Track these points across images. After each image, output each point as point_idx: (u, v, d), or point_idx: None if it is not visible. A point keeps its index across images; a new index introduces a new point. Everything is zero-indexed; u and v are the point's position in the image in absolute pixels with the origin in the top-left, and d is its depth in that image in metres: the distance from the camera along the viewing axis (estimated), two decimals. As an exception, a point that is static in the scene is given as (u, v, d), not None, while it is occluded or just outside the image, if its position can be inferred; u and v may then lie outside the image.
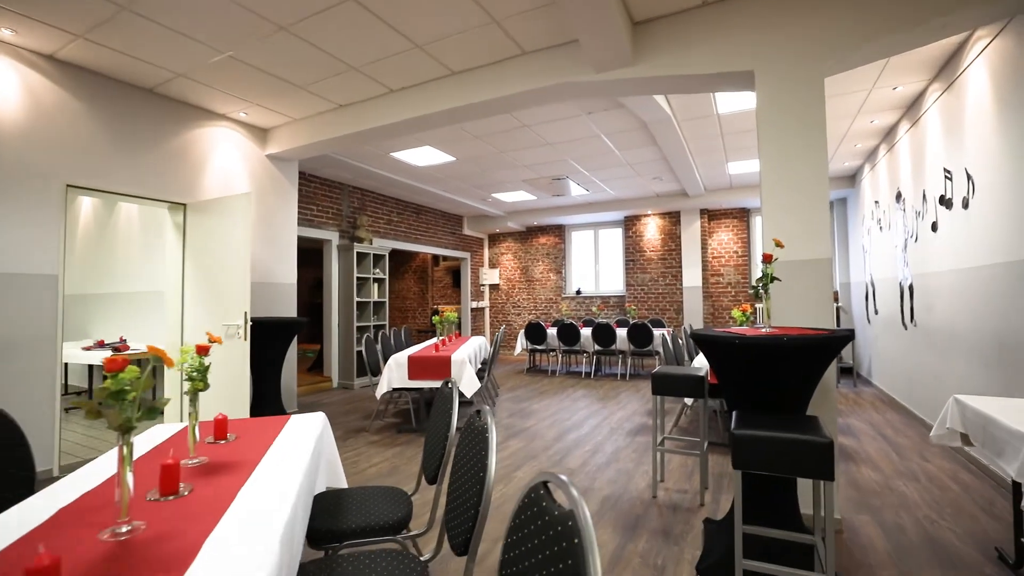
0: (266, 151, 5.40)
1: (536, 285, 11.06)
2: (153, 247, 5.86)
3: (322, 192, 7.40)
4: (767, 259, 2.47)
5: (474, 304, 11.05)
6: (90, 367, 6.51)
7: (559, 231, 10.90)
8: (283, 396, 5.47)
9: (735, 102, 4.76)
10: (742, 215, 9.22)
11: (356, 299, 7.50)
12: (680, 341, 5.81)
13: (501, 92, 3.84)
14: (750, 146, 6.12)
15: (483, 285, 11.45)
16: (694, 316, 9.20)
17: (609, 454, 4.10)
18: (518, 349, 8.69)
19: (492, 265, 11.62)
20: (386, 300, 8.10)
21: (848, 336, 2.14)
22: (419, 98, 4.30)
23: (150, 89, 4.32)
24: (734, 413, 2.13)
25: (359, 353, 7.47)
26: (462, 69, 4.04)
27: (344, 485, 2.45)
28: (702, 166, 7.04)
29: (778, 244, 2.55)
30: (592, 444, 4.40)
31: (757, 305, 8.55)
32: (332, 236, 7.52)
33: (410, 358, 4.81)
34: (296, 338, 5.77)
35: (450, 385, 2.24)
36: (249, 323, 4.14)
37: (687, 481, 3.46)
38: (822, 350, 2.09)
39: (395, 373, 4.80)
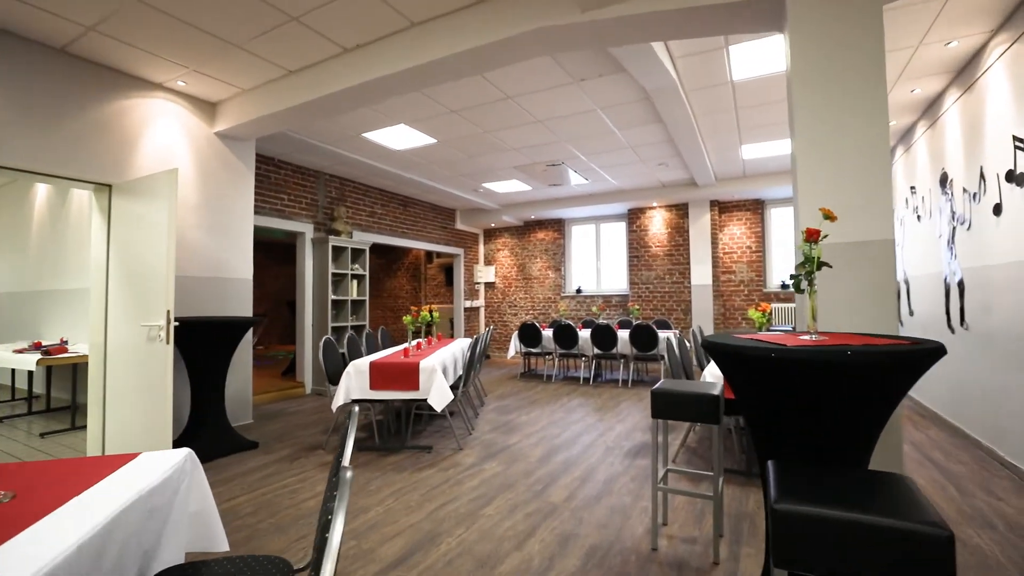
0: (215, 128, 4.75)
1: (534, 283, 10.37)
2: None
3: (294, 180, 6.75)
4: (812, 236, 1.76)
5: (468, 303, 10.38)
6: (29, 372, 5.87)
7: (558, 226, 10.20)
8: (233, 407, 4.82)
9: (752, 65, 4.04)
10: (756, 207, 8.47)
11: (332, 297, 6.85)
12: (688, 345, 5.11)
13: (468, 43, 3.16)
14: (768, 124, 5.39)
15: (478, 283, 10.78)
16: (703, 317, 8.47)
17: (602, 483, 3.41)
18: (511, 352, 8.00)
19: (487, 262, 10.94)
20: (366, 299, 7.44)
21: (939, 350, 1.43)
22: (377, 58, 3.63)
23: (60, 48, 3.67)
24: (770, 467, 1.42)
25: (341, 354, 6.80)
26: (424, 19, 3.36)
27: (223, 547, 1.78)
28: (713, 150, 6.31)
29: (828, 216, 1.83)
30: (583, 468, 3.70)
31: (774, 305, 7.81)
32: (306, 228, 6.87)
33: (372, 365, 4.14)
34: (252, 340, 5.11)
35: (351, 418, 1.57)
36: (173, 323, 3.48)
37: (696, 525, 2.76)
38: (904, 369, 1.39)
39: (354, 382, 4.12)
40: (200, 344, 4.05)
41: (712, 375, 3.64)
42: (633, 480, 3.44)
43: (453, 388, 4.55)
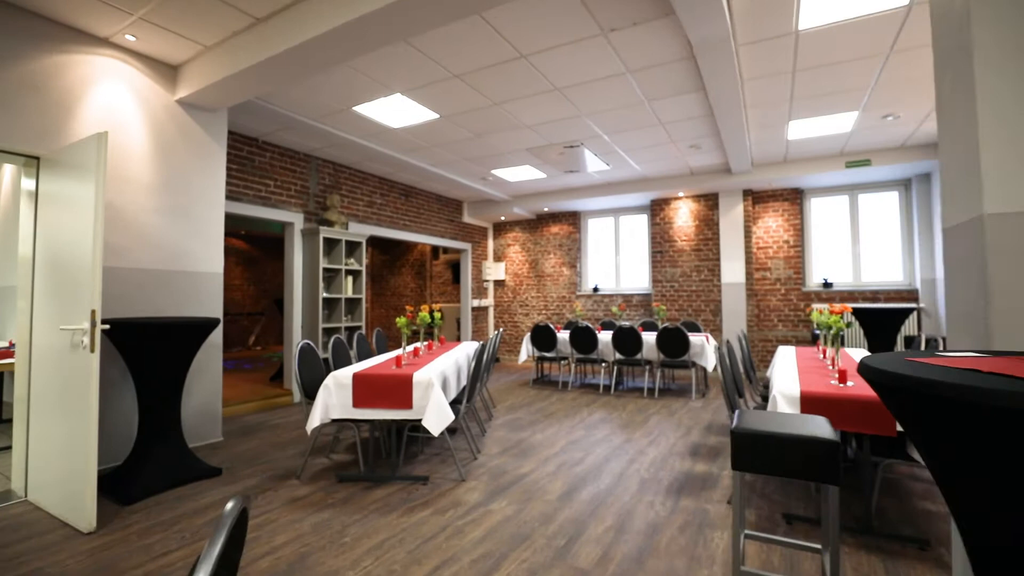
0: (176, 95, 4.04)
1: (547, 281, 9.60)
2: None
3: (282, 164, 6.04)
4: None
5: (476, 303, 9.63)
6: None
7: (573, 219, 9.42)
8: (197, 424, 4.12)
9: (828, 7, 3.25)
10: (794, 197, 7.63)
11: (323, 295, 6.13)
12: (740, 350, 4.34)
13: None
14: (826, 93, 4.58)
15: (486, 281, 10.03)
16: (735, 319, 7.65)
17: (643, 534, 2.64)
18: (523, 356, 7.24)
19: (497, 258, 10.19)
20: (362, 297, 6.72)
21: None
22: (359, -7, 2.89)
23: (-32, -16, 2.98)
24: None
25: (324, 361, 6.09)
26: (416, -66, 2.61)
27: None
28: (756, 126, 5.50)
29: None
30: (616, 512, 2.93)
31: (815, 307, 6.97)
32: (295, 218, 6.16)
33: (356, 377, 3.40)
34: (220, 344, 4.41)
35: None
36: (100, 327, 2.76)
37: (786, 612, 1.98)
38: None
39: (335, 398, 3.39)
40: (148, 350, 3.34)
41: (784, 395, 2.84)
42: (683, 532, 2.67)
43: (455, 404, 3.80)
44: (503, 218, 9.77)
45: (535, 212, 9.55)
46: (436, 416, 3.28)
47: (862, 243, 7.33)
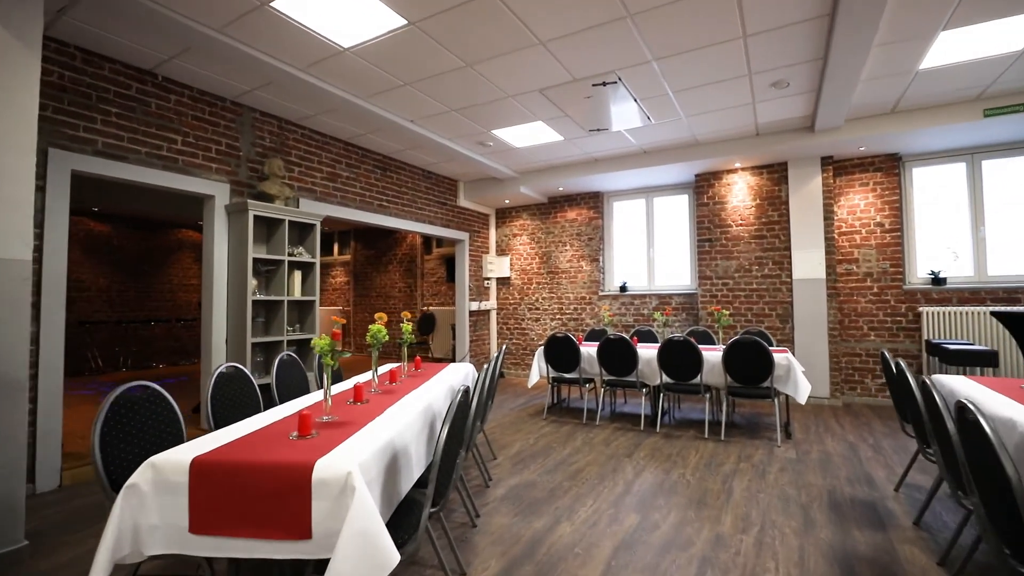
0: (-77, -59, 2.29)
1: (562, 279, 7.80)
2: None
3: (196, 113, 4.30)
4: None
5: (475, 305, 7.85)
6: None
7: (595, 201, 7.61)
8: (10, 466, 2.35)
9: None
10: (890, 165, 5.79)
11: (252, 296, 4.37)
12: (917, 377, 2.57)
13: None
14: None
15: (487, 279, 8.24)
16: (811, 326, 5.82)
17: None
18: (534, 378, 5.45)
19: (500, 251, 8.40)
20: (315, 299, 4.95)
21: None
22: None
23: None
24: None
25: (265, 389, 4.32)
26: None
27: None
28: (883, 47, 3.68)
29: None
30: None
31: (925, 309, 5.14)
32: (217, 189, 4.41)
33: (198, 467, 1.63)
34: (59, 369, 2.64)
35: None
36: None
37: None
38: None
39: (154, 511, 1.62)
40: None
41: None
42: None
43: (416, 492, 2.02)
44: (507, 202, 7.98)
45: (547, 194, 7.76)
46: (357, 560, 1.49)
47: (988, 224, 5.48)
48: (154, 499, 1.61)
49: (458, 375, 3.65)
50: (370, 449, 1.78)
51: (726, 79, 4.23)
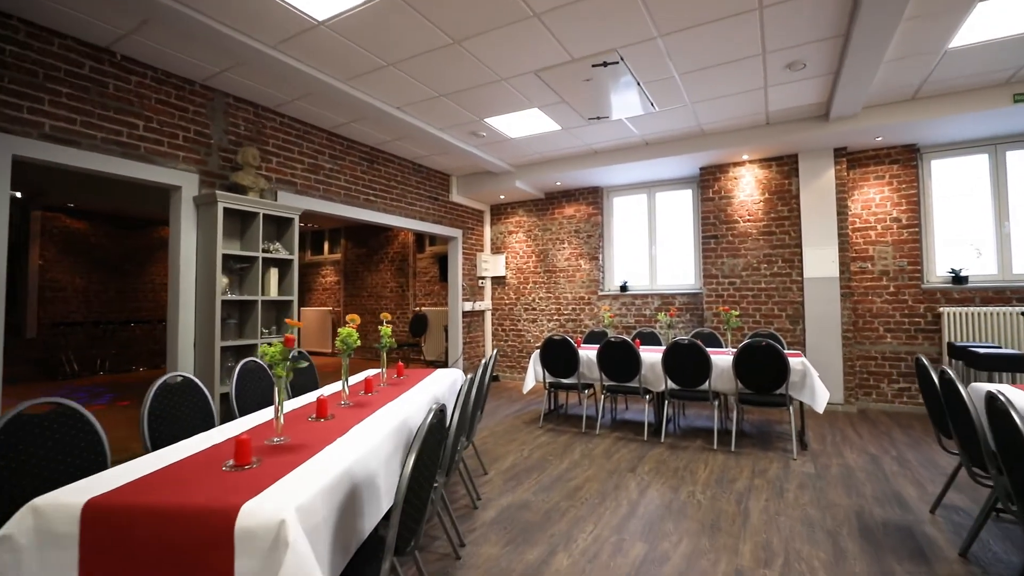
0: None
1: (560, 278, 7.46)
2: None
3: (161, 96, 3.94)
4: None
5: (469, 306, 7.50)
6: None
7: (594, 196, 7.27)
8: None
9: None
10: (907, 157, 5.45)
11: (221, 296, 4.02)
12: (947, 376, 2.21)
13: None
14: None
15: (482, 278, 7.90)
16: (824, 327, 5.48)
17: None
18: (529, 383, 5.11)
19: (496, 249, 8.05)
20: (293, 299, 4.60)
21: None
22: None
23: None
24: None
25: (223, 396, 3.97)
26: None
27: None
28: (912, 23, 3.34)
29: None
30: None
31: (945, 309, 4.80)
32: (184, 180, 4.06)
33: (90, 511, 1.27)
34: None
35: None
36: None
37: None
38: None
39: (34, 569, 1.26)
40: None
41: None
42: None
43: (369, 552, 1.67)
44: (503, 197, 7.63)
45: (544, 189, 7.42)
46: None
47: (1013, 219, 5.14)
48: (35, 555, 1.27)
49: (444, 383, 3.30)
50: (319, 484, 1.43)
51: (737, 59, 3.88)
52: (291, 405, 2.50)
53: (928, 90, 4.51)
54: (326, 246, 10.70)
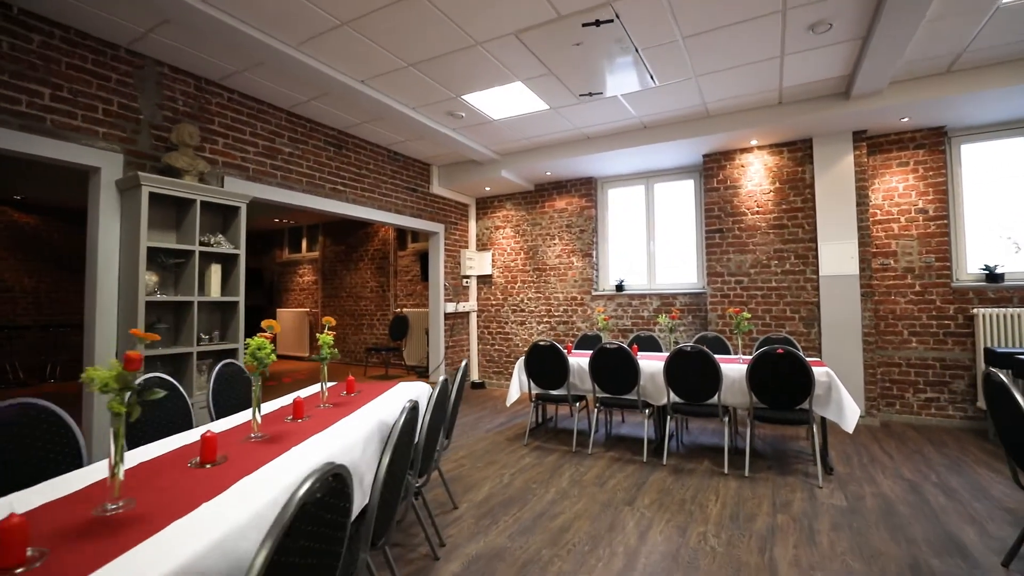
0: None
1: (551, 276, 6.87)
2: None
3: (73, 60, 3.34)
4: None
5: (451, 307, 6.91)
6: None
7: (587, 188, 6.69)
8: None
9: None
10: (935, 141, 4.90)
11: (146, 296, 3.41)
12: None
13: None
14: None
15: (466, 277, 7.31)
16: (842, 330, 4.92)
17: None
18: (513, 395, 4.52)
19: (481, 245, 7.46)
20: (239, 300, 3.99)
21: None
22: None
23: None
24: None
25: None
26: None
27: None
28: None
29: None
30: None
31: (980, 310, 4.24)
32: (104, 159, 3.45)
33: None
34: None
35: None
36: None
37: None
38: None
39: None
40: None
41: None
42: None
43: None
44: (488, 189, 7.05)
45: (533, 180, 6.83)
46: None
47: (1055, 210, 4.60)
48: None
49: (402, 403, 2.70)
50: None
51: (753, 17, 3.31)
52: (158, 449, 1.86)
53: (967, 61, 3.95)
54: (304, 244, 10.08)
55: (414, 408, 1.85)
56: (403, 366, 8.09)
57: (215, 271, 3.89)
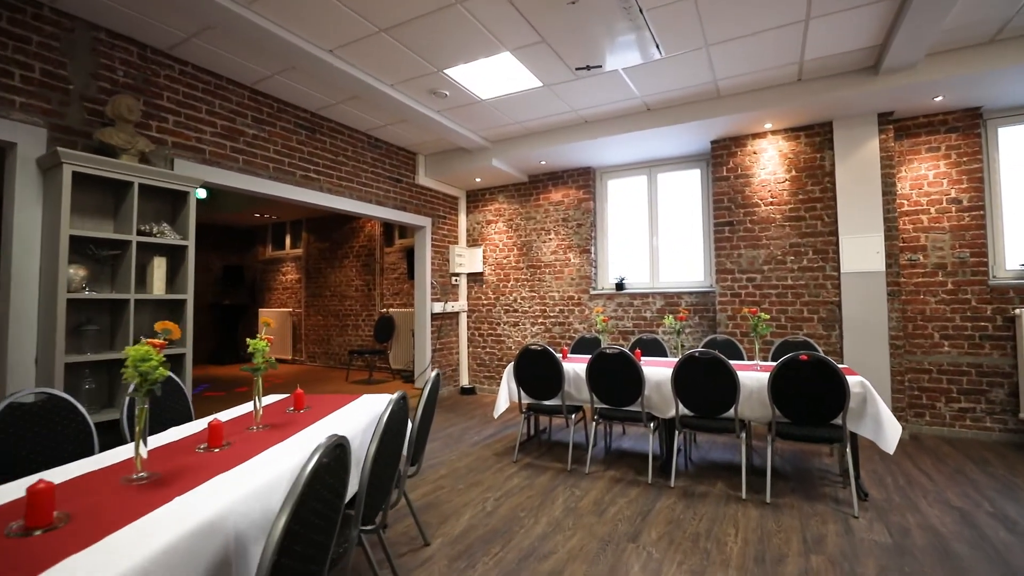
0: None
1: (546, 274, 6.39)
2: None
3: (-22, 15, 2.85)
4: None
5: (439, 307, 6.42)
6: None
7: (584, 179, 6.21)
8: None
9: None
10: (971, 123, 4.43)
11: (68, 293, 2.92)
12: None
13: None
14: None
15: (456, 275, 6.82)
16: (867, 333, 4.45)
17: None
18: (501, 406, 4.04)
19: (472, 241, 6.97)
20: (187, 298, 3.49)
21: None
22: None
23: None
24: None
25: (104, 426, 2.86)
26: None
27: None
28: None
29: None
30: None
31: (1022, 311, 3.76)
32: (21, 134, 2.96)
33: None
34: None
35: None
36: None
37: None
38: None
39: None
40: None
41: None
42: None
43: None
44: (479, 180, 6.56)
45: (526, 170, 6.35)
46: None
47: (1107, 199, 4.12)
48: None
49: (357, 424, 2.22)
50: None
51: (778, -32, 2.84)
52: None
53: (1017, 27, 3.47)
54: (288, 240, 9.59)
55: (338, 447, 1.35)
56: (389, 370, 7.61)
57: (158, 264, 3.40)
